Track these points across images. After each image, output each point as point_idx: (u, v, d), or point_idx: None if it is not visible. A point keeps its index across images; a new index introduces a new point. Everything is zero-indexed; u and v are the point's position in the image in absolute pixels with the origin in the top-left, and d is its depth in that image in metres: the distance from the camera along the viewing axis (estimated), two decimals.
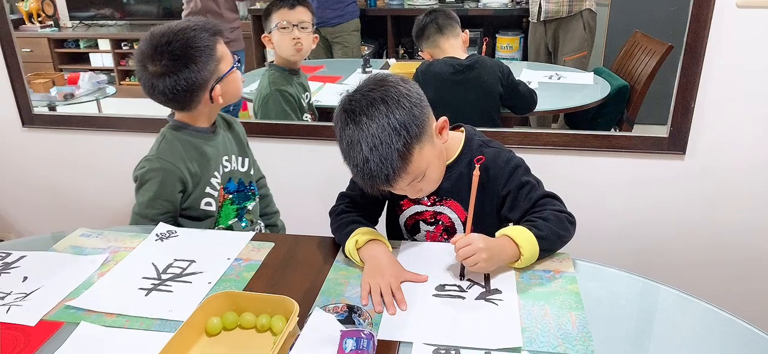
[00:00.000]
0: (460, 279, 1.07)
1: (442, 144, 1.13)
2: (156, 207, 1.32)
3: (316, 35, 2.05)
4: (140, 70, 1.28)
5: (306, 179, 2.03)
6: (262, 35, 2.04)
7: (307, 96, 2.08)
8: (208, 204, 1.39)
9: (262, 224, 1.60)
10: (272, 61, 2.05)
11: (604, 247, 1.90)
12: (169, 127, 1.38)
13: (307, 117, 2.07)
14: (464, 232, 1.06)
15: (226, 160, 1.44)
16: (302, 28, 1.97)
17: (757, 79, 1.63)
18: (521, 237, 1.06)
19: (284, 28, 1.96)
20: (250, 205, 1.51)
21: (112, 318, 0.99)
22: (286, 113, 1.99)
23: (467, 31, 2.04)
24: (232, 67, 1.34)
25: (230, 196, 1.46)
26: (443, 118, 1.12)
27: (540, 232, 1.07)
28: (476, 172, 1.05)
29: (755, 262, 1.82)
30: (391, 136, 1.00)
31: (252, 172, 1.54)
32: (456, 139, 1.21)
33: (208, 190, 1.38)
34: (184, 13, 2.79)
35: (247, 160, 1.52)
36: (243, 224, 1.49)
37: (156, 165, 1.32)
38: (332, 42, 2.74)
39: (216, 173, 1.40)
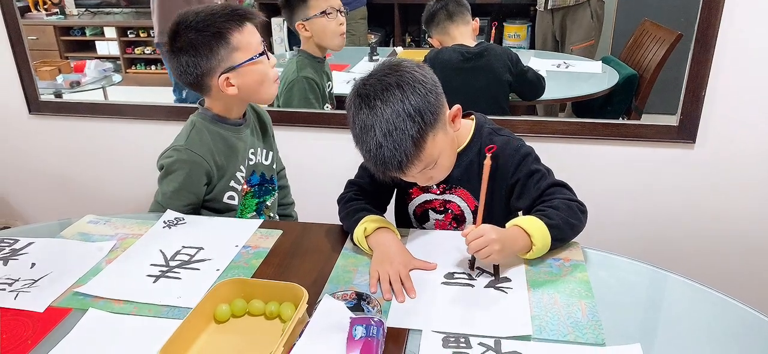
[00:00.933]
0: (471, 270, 1.06)
1: (455, 132, 1.12)
2: (181, 198, 1.31)
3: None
4: (166, 48, 1.28)
5: (324, 167, 2.01)
6: (297, 23, 1.96)
7: (329, 85, 2.06)
8: (231, 197, 1.38)
9: (277, 217, 1.59)
10: (301, 48, 2.00)
11: (613, 236, 1.89)
12: (198, 115, 1.35)
13: (328, 106, 2.05)
14: (474, 221, 1.05)
15: (252, 153, 1.42)
16: (342, 13, 1.95)
17: None
18: (532, 227, 1.04)
19: (329, 14, 1.91)
20: (269, 201, 1.49)
21: (121, 305, 0.99)
22: (309, 102, 1.96)
23: (477, 19, 2.02)
24: (253, 58, 1.26)
25: (252, 189, 1.44)
26: (457, 106, 1.11)
27: (551, 221, 1.05)
28: (488, 162, 1.03)
29: (764, 249, 1.81)
30: (405, 121, 0.99)
31: (274, 166, 1.52)
32: (466, 127, 1.20)
33: (232, 183, 1.37)
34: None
35: (271, 153, 1.50)
36: (261, 219, 1.48)
37: (184, 156, 1.29)
38: None
39: (241, 167, 1.38)
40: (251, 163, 1.42)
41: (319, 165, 2.02)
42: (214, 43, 1.23)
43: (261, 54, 1.28)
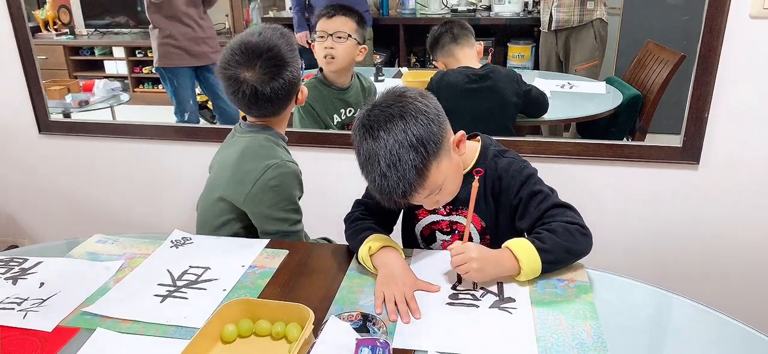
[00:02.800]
0: (458, 282, 1.08)
1: (459, 157, 1.13)
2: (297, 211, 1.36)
3: (365, 47, 1.98)
4: (234, 81, 1.27)
5: (330, 187, 2.01)
6: (310, 43, 2.01)
7: (348, 111, 2.03)
8: None
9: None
10: (321, 68, 1.99)
11: (618, 257, 1.89)
12: (260, 133, 1.36)
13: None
14: (481, 241, 1.06)
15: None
16: (338, 38, 1.90)
17: None
18: (521, 250, 1.05)
19: (320, 37, 1.92)
20: None
21: (128, 324, 1.00)
22: (306, 124, 1.97)
23: (481, 42, 2.04)
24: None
25: None
26: (461, 132, 1.12)
27: (543, 245, 1.05)
28: (475, 184, 1.06)
29: None
30: (408, 152, 1.00)
31: None
32: (472, 149, 1.21)
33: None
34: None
35: None
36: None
37: (288, 169, 1.33)
38: None
39: None
40: None
41: (333, 186, 2.02)
42: (296, 56, 1.32)
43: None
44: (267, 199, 1.30)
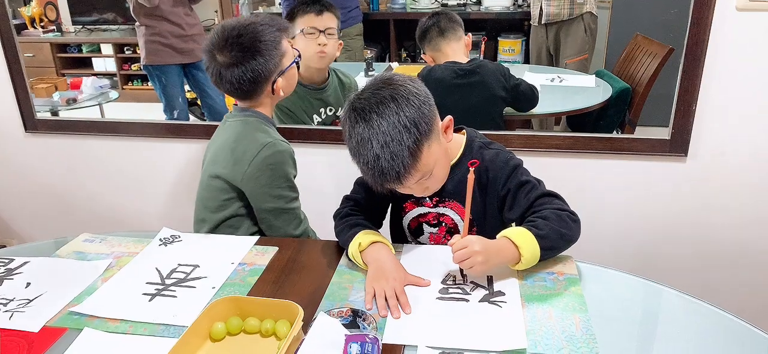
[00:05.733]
0: (461, 279, 1.07)
1: (447, 143, 1.14)
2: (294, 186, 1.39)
3: (342, 42, 1.99)
4: (209, 59, 1.33)
5: (319, 183, 2.01)
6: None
7: (328, 110, 2.02)
8: None
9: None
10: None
11: (607, 249, 1.90)
12: (251, 114, 1.39)
13: None
14: (462, 234, 1.06)
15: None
16: (329, 34, 1.90)
17: (757, 80, 1.62)
18: (520, 238, 1.05)
19: (310, 33, 1.89)
20: None
21: (116, 324, 0.99)
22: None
23: (470, 34, 2.04)
24: (293, 63, 1.40)
25: None
26: (448, 118, 1.13)
27: (540, 232, 1.06)
28: (471, 176, 1.05)
29: (756, 263, 1.81)
30: (402, 132, 1.01)
31: None
32: (457, 142, 1.22)
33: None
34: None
35: None
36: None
37: (281, 147, 1.35)
38: None
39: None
40: None
41: (314, 181, 2.02)
42: (273, 50, 1.33)
43: (296, 60, 1.43)
44: (263, 177, 1.33)
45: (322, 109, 2.02)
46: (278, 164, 1.34)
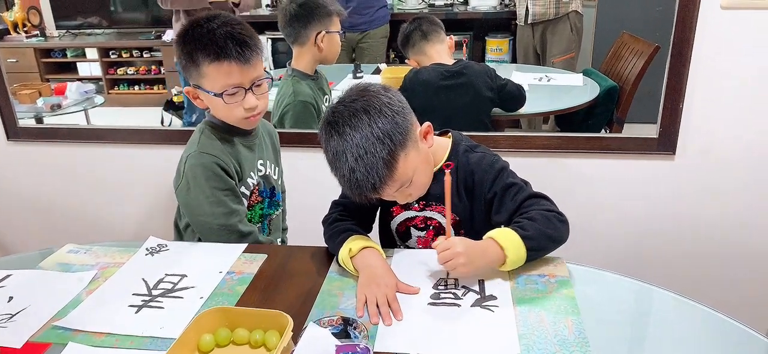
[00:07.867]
0: (447, 278, 1.07)
1: (428, 148, 1.13)
2: (218, 203, 1.30)
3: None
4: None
5: (309, 187, 1.97)
6: (318, 33, 1.82)
7: (326, 99, 1.99)
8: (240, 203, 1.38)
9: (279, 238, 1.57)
10: (293, 66, 1.91)
11: (597, 249, 1.90)
12: (206, 124, 1.36)
13: None
14: (455, 235, 1.06)
15: (261, 164, 1.43)
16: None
17: (743, 78, 1.63)
18: (505, 238, 1.05)
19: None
20: (274, 215, 1.50)
21: (101, 337, 0.97)
22: (305, 125, 1.89)
23: (452, 36, 2.04)
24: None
25: (263, 200, 1.45)
26: (427, 124, 1.13)
27: (525, 233, 1.06)
28: (447, 177, 1.05)
29: (745, 259, 1.83)
30: (375, 145, 1.01)
31: (280, 182, 1.54)
32: (443, 145, 1.22)
33: (242, 188, 1.37)
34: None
35: (278, 169, 1.52)
36: (264, 233, 1.48)
37: (201, 160, 1.30)
38: (357, 47, 2.66)
39: (252, 173, 1.39)
40: (261, 173, 1.43)
41: (304, 185, 2.00)
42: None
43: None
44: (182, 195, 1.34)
45: (325, 97, 1.99)
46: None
